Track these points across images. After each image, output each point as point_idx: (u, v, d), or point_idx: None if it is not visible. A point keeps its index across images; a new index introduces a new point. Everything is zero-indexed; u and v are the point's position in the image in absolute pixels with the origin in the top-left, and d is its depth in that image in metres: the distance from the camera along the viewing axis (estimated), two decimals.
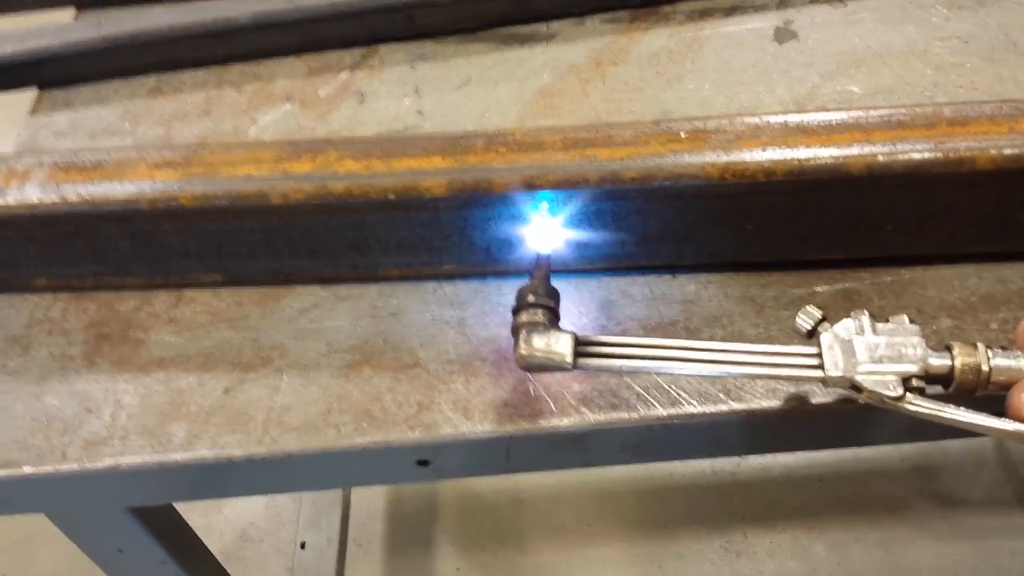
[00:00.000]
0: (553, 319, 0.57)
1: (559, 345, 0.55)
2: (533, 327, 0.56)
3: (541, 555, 1.65)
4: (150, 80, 0.91)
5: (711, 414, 0.61)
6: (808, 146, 0.62)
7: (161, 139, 0.85)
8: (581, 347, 0.55)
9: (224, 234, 0.69)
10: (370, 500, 1.73)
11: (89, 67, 0.91)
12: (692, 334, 0.66)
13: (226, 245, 0.69)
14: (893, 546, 1.62)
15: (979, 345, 0.53)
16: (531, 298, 0.57)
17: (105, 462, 0.64)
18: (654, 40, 0.88)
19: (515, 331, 0.57)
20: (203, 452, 0.63)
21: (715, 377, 0.62)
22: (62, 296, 0.74)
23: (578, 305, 0.68)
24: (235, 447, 0.63)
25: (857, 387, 0.53)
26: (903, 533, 1.63)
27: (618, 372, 0.62)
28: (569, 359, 0.55)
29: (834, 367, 0.53)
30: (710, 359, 0.55)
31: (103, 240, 0.70)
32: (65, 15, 0.96)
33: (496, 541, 1.67)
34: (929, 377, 0.53)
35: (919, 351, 0.53)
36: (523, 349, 0.55)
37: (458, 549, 1.66)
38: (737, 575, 1.60)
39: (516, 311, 0.57)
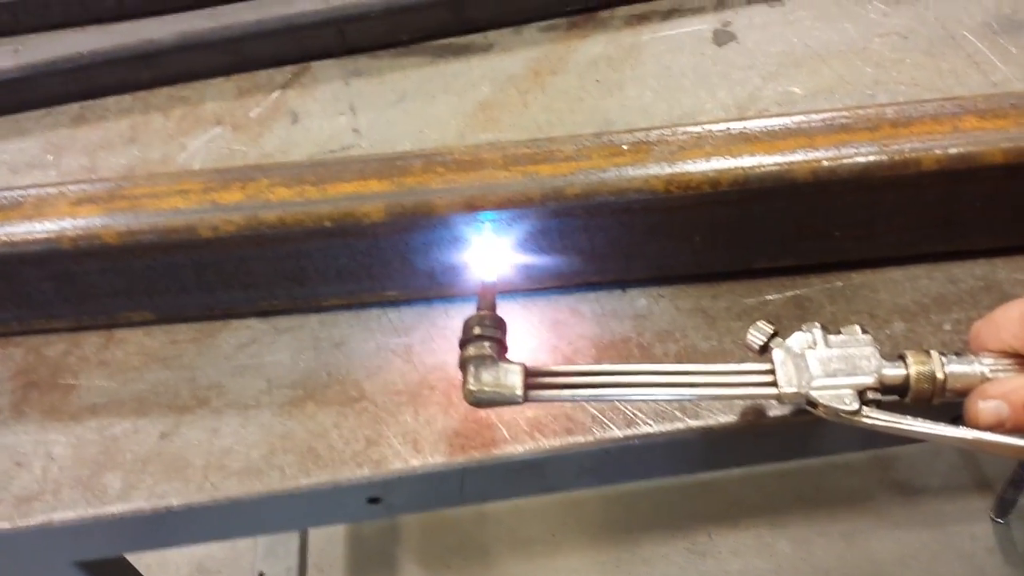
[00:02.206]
0: (501, 351, 0.55)
1: (508, 379, 0.53)
2: (481, 361, 0.54)
3: (507, 568, 1.63)
4: (73, 108, 0.87)
5: (668, 432, 0.60)
6: (752, 154, 0.61)
7: (86, 170, 0.81)
8: (531, 378, 0.53)
9: (153, 270, 0.65)
10: None
11: (7, 97, 0.86)
12: (645, 350, 0.64)
13: (156, 282, 0.66)
14: (856, 538, 1.63)
15: (933, 353, 0.52)
16: (478, 330, 0.55)
17: (38, 519, 0.60)
18: (592, 47, 0.86)
19: (462, 365, 0.54)
20: (140, 503, 0.60)
21: (670, 401, 0.60)
22: None
23: (527, 326, 0.67)
24: (174, 496, 0.60)
25: (812, 402, 0.52)
26: (865, 524, 1.64)
27: (571, 402, 0.60)
28: (519, 392, 0.53)
29: (788, 383, 0.52)
30: (663, 383, 0.53)
31: (25, 282, 0.66)
32: None
33: (461, 557, 1.64)
34: (885, 388, 0.52)
35: (873, 362, 0.52)
36: (471, 385, 0.53)
37: (423, 568, 1.64)
38: None
39: (463, 344, 0.55)
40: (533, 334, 0.66)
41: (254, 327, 0.69)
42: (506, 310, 0.60)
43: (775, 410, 0.60)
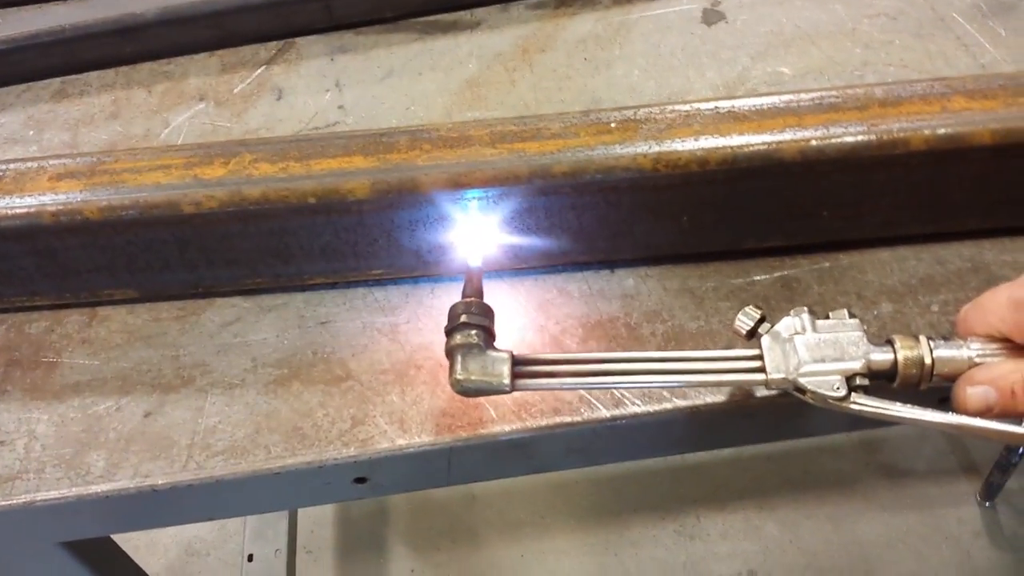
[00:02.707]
0: (488, 339, 0.54)
1: (496, 367, 0.52)
2: (468, 349, 0.53)
3: (496, 550, 1.63)
4: (54, 83, 0.86)
5: (655, 413, 0.60)
6: (741, 133, 0.60)
7: (67, 146, 0.80)
8: (519, 367, 0.53)
9: (135, 247, 0.65)
10: (318, 506, 1.69)
11: None
12: (632, 330, 0.64)
13: (138, 258, 0.65)
14: (843, 521, 1.64)
15: (921, 337, 0.52)
16: (464, 317, 0.54)
17: (21, 498, 0.59)
18: (581, 25, 0.86)
19: (449, 354, 0.54)
20: (124, 482, 0.59)
21: (657, 388, 0.60)
22: None
23: (515, 305, 0.66)
24: (158, 475, 0.60)
25: (800, 389, 0.52)
26: (852, 507, 1.65)
27: (558, 390, 0.60)
28: (507, 381, 0.52)
29: (776, 370, 0.52)
30: (651, 370, 0.53)
31: (6, 258, 0.65)
32: None
33: (450, 539, 1.65)
34: (872, 373, 0.52)
35: (861, 347, 0.52)
36: (459, 374, 0.52)
37: (412, 550, 1.64)
38: (691, 558, 1.61)
39: (449, 332, 0.55)
40: (520, 314, 0.66)
41: (238, 305, 0.68)
42: (493, 290, 0.59)
43: (763, 391, 0.59)
